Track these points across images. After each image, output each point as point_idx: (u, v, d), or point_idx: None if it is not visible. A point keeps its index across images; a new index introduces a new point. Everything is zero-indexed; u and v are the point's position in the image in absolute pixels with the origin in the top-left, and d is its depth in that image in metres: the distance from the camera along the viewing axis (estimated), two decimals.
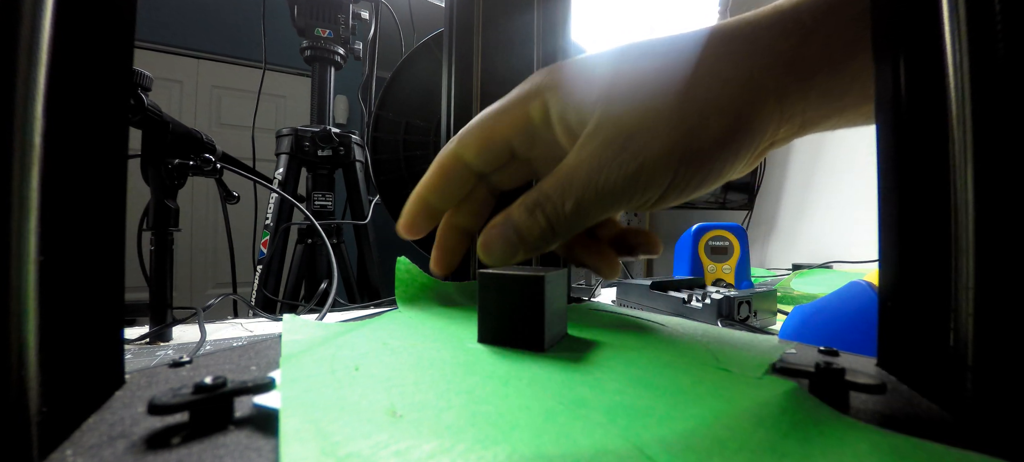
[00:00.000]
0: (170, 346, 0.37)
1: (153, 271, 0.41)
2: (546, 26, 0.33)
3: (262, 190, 0.65)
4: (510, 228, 0.21)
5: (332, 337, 0.18)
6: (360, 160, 1.05)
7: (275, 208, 0.98)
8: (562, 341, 0.19)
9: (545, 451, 0.10)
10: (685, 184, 0.20)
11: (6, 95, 0.10)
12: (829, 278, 0.68)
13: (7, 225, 0.10)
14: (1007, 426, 0.11)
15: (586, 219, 0.20)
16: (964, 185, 0.12)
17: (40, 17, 0.10)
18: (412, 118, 0.71)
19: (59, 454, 0.10)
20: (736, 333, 0.21)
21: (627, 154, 0.19)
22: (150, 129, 0.40)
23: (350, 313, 0.47)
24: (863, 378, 0.13)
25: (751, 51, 0.19)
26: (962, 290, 0.12)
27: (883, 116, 0.15)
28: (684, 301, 0.42)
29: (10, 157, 0.10)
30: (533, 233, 0.21)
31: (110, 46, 0.13)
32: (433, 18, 1.22)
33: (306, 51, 1.03)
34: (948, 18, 0.12)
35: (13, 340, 0.10)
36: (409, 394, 0.13)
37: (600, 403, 0.12)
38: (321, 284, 0.92)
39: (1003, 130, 0.11)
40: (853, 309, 0.27)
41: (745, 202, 1.16)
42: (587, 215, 0.20)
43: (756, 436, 0.11)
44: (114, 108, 0.13)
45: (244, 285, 1.03)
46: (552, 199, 0.20)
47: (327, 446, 0.10)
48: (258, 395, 0.12)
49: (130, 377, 0.14)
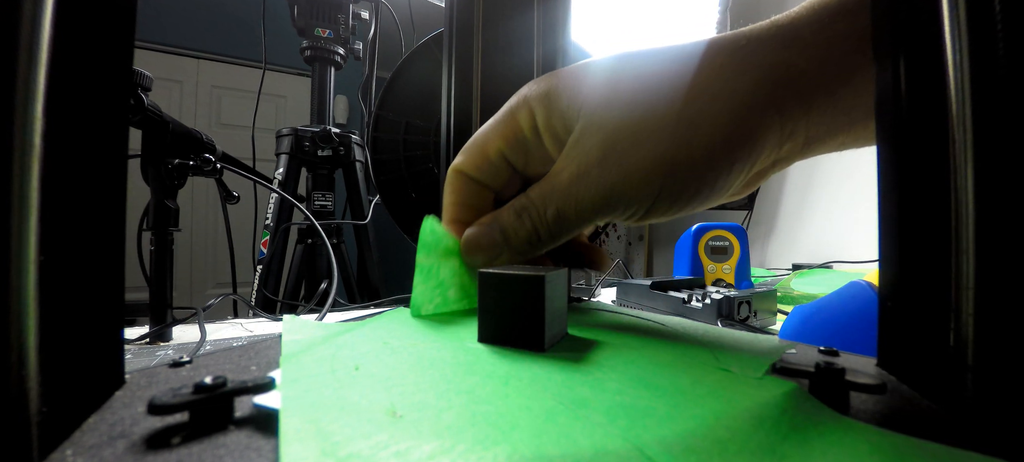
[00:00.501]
0: (170, 346, 0.37)
1: (153, 271, 0.41)
2: (546, 26, 0.33)
3: (262, 190, 0.65)
4: (496, 227, 0.21)
5: (332, 337, 0.18)
6: (360, 160, 1.05)
7: (275, 208, 0.98)
8: (562, 341, 0.19)
9: (545, 451, 0.10)
10: (673, 199, 0.19)
11: (6, 95, 0.10)
12: (829, 278, 0.68)
13: (7, 225, 0.10)
14: (1007, 426, 0.11)
15: (567, 227, 0.20)
16: (964, 185, 0.12)
17: (40, 17, 0.10)
18: (412, 118, 0.71)
19: (59, 454, 0.10)
20: (736, 333, 0.21)
21: (608, 164, 0.18)
22: (150, 129, 0.40)
23: (350, 313, 0.47)
24: (863, 378, 0.13)
25: (748, 65, 0.18)
26: (962, 290, 0.12)
27: (883, 115, 0.15)
28: (684, 301, 0.42)
29: (10, 157, 0.10)
30: (519, 235, 0.21)
31: (110, 46, 0.13)
32: (433, 18, 1.22)
33: (306, 51, 1.03)
34: (948, 18, 0.12)
35: (13, 340, 0.10)
36: (409, 394, 0.13)
37: (600, 403, 0.12)
38: (321, 284, 0.92)
39: (1003, 130, 0.11)
40: (853, 309, 0.27)
41: (745, 202, 1.16)
42: (568, 223, 0.20)
43: (756, 437, 0.11)
44: (114, 108, 0.13)
45: (244, 285, 1.03)
46: (536, 205, 0.20)
47: (327, 446, 0.10)
48: (258, 395, 0.12)
49: (130, 377, 0.14)
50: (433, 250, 0.22)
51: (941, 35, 0.12)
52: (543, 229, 0.20)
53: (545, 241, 0.21)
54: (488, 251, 0.21)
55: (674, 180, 0.18)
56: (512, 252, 0.21)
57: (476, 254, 0.22)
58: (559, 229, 0.20)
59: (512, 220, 0.21)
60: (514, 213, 0.21)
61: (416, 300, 0.22)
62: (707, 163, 0.18)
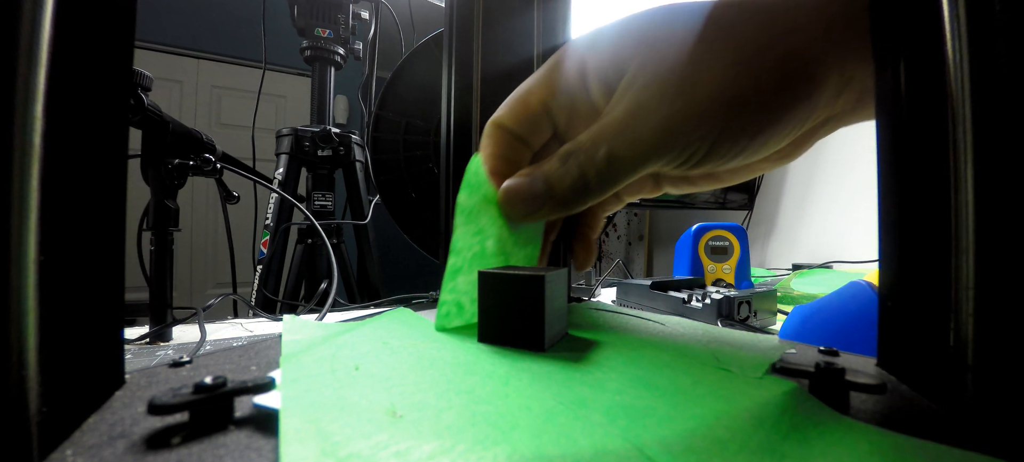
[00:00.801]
0: (170, 346, 0.37)
1: (153, 271, 0.41)
2: (546, 26, 0.33)
3: (262, 190, 0.65)
4: (538, 177, 0.19)
5: (332, 337, 0.18)
6: (360, 160, 1.05)
7: (275, 208, 0.98)
8: (562, 341, 0.19)
9: (545, 451, 0.10)
10: (734, 139, 0.17)
11: (6, 95, 0.10)
12: (829, 278, 0.68)
13: (7, 225, 0.10)
14: (1007, 426, 0.11)
15: (619, 172, 0.18)
16: (964, 185, 0.12)
17: (40, 17, 0.10)
18: (412, 118, 0.71)
19: (59, 454, 0.10)
20: (736, 333, 0.21)
21: (668, 96, 0.17)
22: (150, 129, 0.40)
23: (350, 313, 0.47)
24: (863, 378, 0.13)
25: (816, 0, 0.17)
26: (962, 290, 0.12)
27: (883, 116, 0.15)
28: (684, 301, 0.42)
29: (10, 157, 0.10)
30: (565, 183, 0.19)
31: (110, 46, 0.13)
32: (433, 18, 1.22)
33: (306, 51, 1.03)
34: (948, 18, 0.12)
35: (13, 340, 0.10)
36: (409, 394, 0.13)
37: (600, 403, 0.12)
38: (321, 284, 0.92)
39: (1003, 130, 0.11)
40: (853, 309, 0.27)
41: (745, 202, 1.16)
42: (621, 166, 0.18)
43: (756, 436, 0.11)
44: (114, 108, 0.13)
45: (244, 285, 1.03)
46: (585, 148, 0.18)
47: (327, 446, 0.10)
48: (258, 395, 0.12)
49: (130, 377, 0.14)
50: (475, 191, 0.20)
51: (941, 35, 0.12)
52: (592, 173, 0.18)
53: (593, 189, 0.19)
54: (529, 203, 0.19)
55: (739, 116, 0.17)
56: (555, 203, 0.19)
57: (516, 205, 0.20)
58: (610, 173, 0.18)
59: (556, 167, 0.19)
60: (559, 160, 0.19)
61: (456, 244, 0.20)
62: (772, 100, 0.17)
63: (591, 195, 0.19)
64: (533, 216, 0.20)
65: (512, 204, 0.20)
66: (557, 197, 0.19)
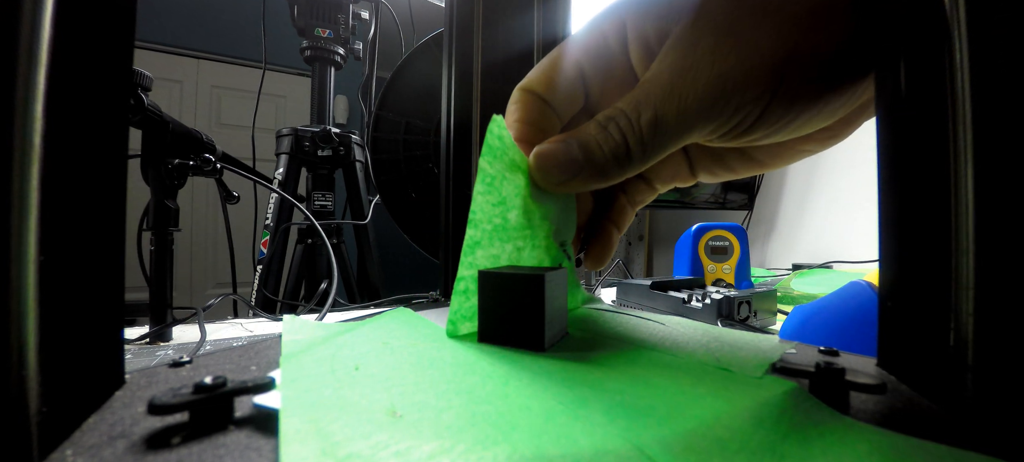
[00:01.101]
0: (170, 346, 0.37)
1: (153, 271, 0.41)
2: (546, 26, 0.33)
3: (262, 190, 0.65)
4: (574, 142, 0.18)
5: (332, 337, 0.18)
6: (360, 160, 1.05)
7: (275, 208, 0.98)
8: (562, 341, 0.19)
9: (545, 451, 0.10)
10: (790, 101, 0.16)
11: (6, 95, 0.10)
12: (829, 278, 0.68)
13: (7, 225, 0.10)
14: (1007, 426, 0.11)
15: (663, 139, 0.17)
16: (964, 185, 0.12)
17: (40, 17, 0.10)
18: (412, 118, 0.71)
19: (59, 454, 0.10)
20: (736, 333, 0.21)
21: (722, 50, 0.16)
22: (150, 129, 0.40)
23: (350, 313, 0.47)
24: (863, 378, 0.13)
25: None
26: (962, 290, 0.12)
27: (883, 116, 0.15)
28: (684, 301, 0.42)
29: (10, 157, 0.10)
30: (603, 150, 0.17)
31: (110, 46, 0.13)
32: (433, 18, 1.22)
33: (306, 51, 1.03)
34: (948, 18, 0.12)
35: (13, 340, 0.10)
36: (409, 394, 0.13)
37: (600, 403, 0.12)
38: (321, 284, 0.92)
39: (1003, 130, 0.11)
40: (853, 309, 0.27)
41: (745, 202, 1.16)
42: (666, 131, 0.17)
43: (756, 436, 0.11)
44: (114, 108, 0.13)
45: (244, 285, 1.03)
46: (626, 112, 0.17)
47: (327, 446, 0.10)
48: (258, 395, 0.12)
49: (130, 377, 0.14)
50: (499, 158, 0.18)
51: (941, 35, 0.12)
52: (634, 140, 0.17)
53: (635, 159, 0.17)
54: (564, 169, 0.18)
55: (798, 72, 0.16)
56: (592, 171, 0.18)
57: (551, 172, 0.18)
58: (654, 140, 0.17)
59: (595, 132, 0.17)
60: (597, 125, 0.17)
61: (475, 215, 0.18)
62: (832, 60, 0.16)
63: (632, 164, 0.18)
64: (567, 185, 0.18)
65: (546, 169, 0.18)
66: (595, 163, 0.18)
